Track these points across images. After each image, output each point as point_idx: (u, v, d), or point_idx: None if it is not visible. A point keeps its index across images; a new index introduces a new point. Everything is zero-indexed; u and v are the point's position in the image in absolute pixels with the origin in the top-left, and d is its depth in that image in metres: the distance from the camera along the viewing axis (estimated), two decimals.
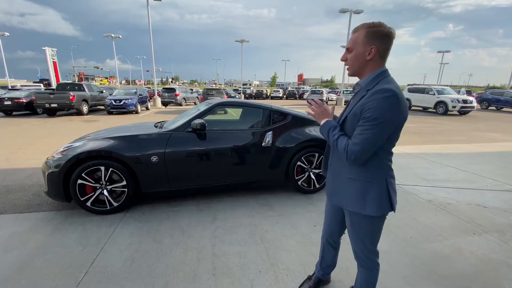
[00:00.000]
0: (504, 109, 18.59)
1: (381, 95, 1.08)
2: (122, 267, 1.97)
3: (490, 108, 19.34)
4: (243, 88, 35.09)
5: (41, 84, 25.73)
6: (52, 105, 11.49)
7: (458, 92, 19.76)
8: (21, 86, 20.49)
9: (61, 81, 22.95)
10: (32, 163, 4.58)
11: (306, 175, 3.31)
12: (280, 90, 35.07)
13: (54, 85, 20.25)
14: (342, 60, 1.26)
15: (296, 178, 3.27)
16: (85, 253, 2.14)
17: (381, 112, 1.08)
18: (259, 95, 32.94)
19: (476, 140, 7.27)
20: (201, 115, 3.09)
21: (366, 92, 1.16)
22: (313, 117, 1.38)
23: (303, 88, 41.84)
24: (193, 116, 3.08)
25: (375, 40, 1.13)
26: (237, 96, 23.30)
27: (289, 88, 41.43)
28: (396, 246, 2.29)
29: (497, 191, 3.54)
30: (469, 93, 27.35)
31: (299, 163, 3.22)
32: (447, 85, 25.13)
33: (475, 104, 14.70)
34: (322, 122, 1.33)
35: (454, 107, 14.17)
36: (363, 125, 1.11)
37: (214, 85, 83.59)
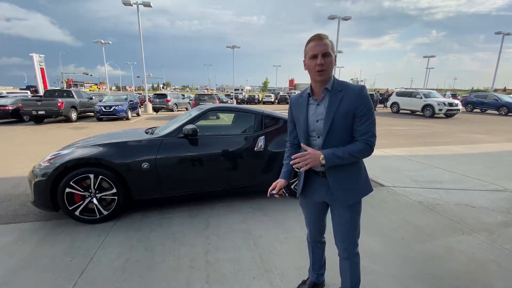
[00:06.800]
0: (488, 111, 19.22)
1: (365, 92, 1.29)
2: (112, 278, 1.92)
3: (474, 110, 19.98)
4: (235, 93, 35.19)
5: (28, 91, 25.12)
6: (40, 112, 11.22)
7: (444, 96, 20.38)
8: (7, 93, 19.96)
9: (49, 87, 22.47)
10: (18, 172, 4.45)
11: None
12: (272, 95, 35.33)
13: (41, 92, 19.81)
14: (320, 64, 1.23)
15: (289, 182, 3.27)
16: (73, 264, 2.07)
17: (371, 103, 1.30)
18: (251, 100, 33.07)
19: (463, 142, 7.48)
20: (192, 120, 3.08)
21: (341, 94, 1.29)
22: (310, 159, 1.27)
23: (294, 92, 42.24)
24: (184, 122, 3.06)
25: (334, 51, 1.30)
26: (229, 102, 23.34)
27: (281, 93, 41.80)
28: (389, 247, 2.31)
29: (484, 191, 3.64)
30: (454, 96, 28.22)
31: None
32: (433, 89, 25.89)
33: (460, 107, 15.19)
34: (321, 160, 1.26)
35: (440, 110, 14.58)
36: (368, 119, 1.27)
37: (206, 91, 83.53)
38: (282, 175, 1.55)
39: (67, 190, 2.55)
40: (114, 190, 2.68)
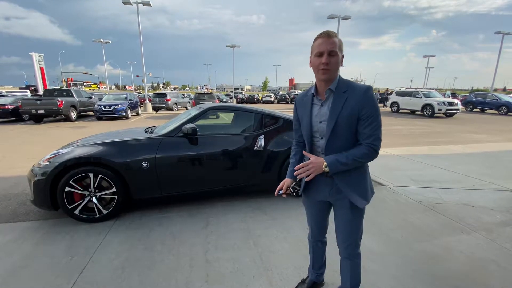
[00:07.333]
0: (488, 110, 19.22)
1: (370, 93, 1.24)
2: (112, 277, 1.92)
3: (474, 110, 19.98)
4: (235, 92, 35.22)
5: (28, 90, 25.08)
6: (39, 111, 11.20)
7: (444, 95, 20.38)
8: (7, 92, 19.93)
9: (48, 86, 22.44)
10: (17, 171, 4.44)
11: (298, 179, 3.32)
12: (271, 94, 35.31)
13: (41, 91, 19.78)
14: (325, 62, 1.20)
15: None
16: (73, 263, 2.07)
17: (377, 105, 1.26)
18: (251, 99, 33.06)
19: (462, 141, 7.48)
20: (192, 119, 3.08)
21: (345, 95, 1.25)
22: (314, 169, 1.27)
23: (294, 92, 42.30)
24: (184, 121, 3.06)
25: (342, 50, 1.26)
26: (229, 101, 23.34)
27: (281, 93, 41.80)
28: (388, 247, 2.32)
29: (483, 190, 3.64)
30: (454, 96, 28.24)
31: None
32: (433, 89, 25.89)
33: (460, 106, 15.19)
34: (325, 168, 1.25)
35: (440, 109, 14.59)
36: (373, 121, 1.23)
37: (205, 90, 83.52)
38: (288, 175, 1.52)
39: (67, 189, 2.55)
40: (114, 189, 2.68)
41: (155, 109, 17.57)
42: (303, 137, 1.47)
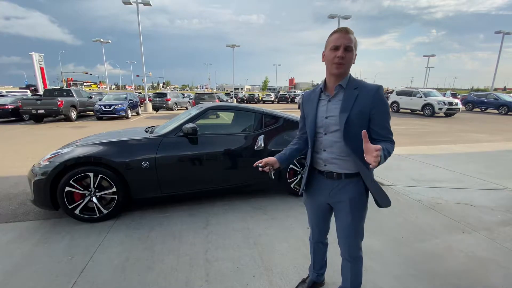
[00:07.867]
0: (488, 110, 19.20)
1: (381, 92, 1.26)
2: (112, 276, 1.92)
3: (474, 109, 19.96)
4: (235, 92, 35.21)
5: (28, 90, 25.09)
6: (39, 111, 11.22)
7: (444, 95, 20.36)
8: (7, 92, 19.94)
9: (48, 86, 22.43)
10: (18, 171, 4.44)
11: (298, 178, 3.32)
12: (272, 94, 35.31)
13: (41, 91, 19.79)
14: (341, 56, 1.19)
15: (288, 181, 3.27)
16: (73, 262, 2.07)
17: (387, 105, 1.30)
18: (251, 99, 33.09)
19: (463, 141, 7.47)
20: (192, 119, 3.08)
21: (356, 91, 1.25)
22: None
23: (294, 92, 42.31)
24: (184, 121, 3.06)
25: (356, 48, 1.25)
26: (229, 101, 23.35)
27: (281, 92, 41.81)
28: (388, 246, 2.31)
29: (484, 190, 3.64)
30: (454, 95, 28.20)
31: (291, 166, 3.23)
32: (433, 88, 25.88)
33: (460, 106, 15.18)
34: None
35: (440, 109, 14.58)
36: (386, 119, 1.27)
37: (205, 90, 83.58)
38: (277, 155, 1.50)
39: (67, 189, 2.55)
40: (114, 189, 2.68)
41: (155, 109, 17.56)
42: (306, 134, 1.47)
